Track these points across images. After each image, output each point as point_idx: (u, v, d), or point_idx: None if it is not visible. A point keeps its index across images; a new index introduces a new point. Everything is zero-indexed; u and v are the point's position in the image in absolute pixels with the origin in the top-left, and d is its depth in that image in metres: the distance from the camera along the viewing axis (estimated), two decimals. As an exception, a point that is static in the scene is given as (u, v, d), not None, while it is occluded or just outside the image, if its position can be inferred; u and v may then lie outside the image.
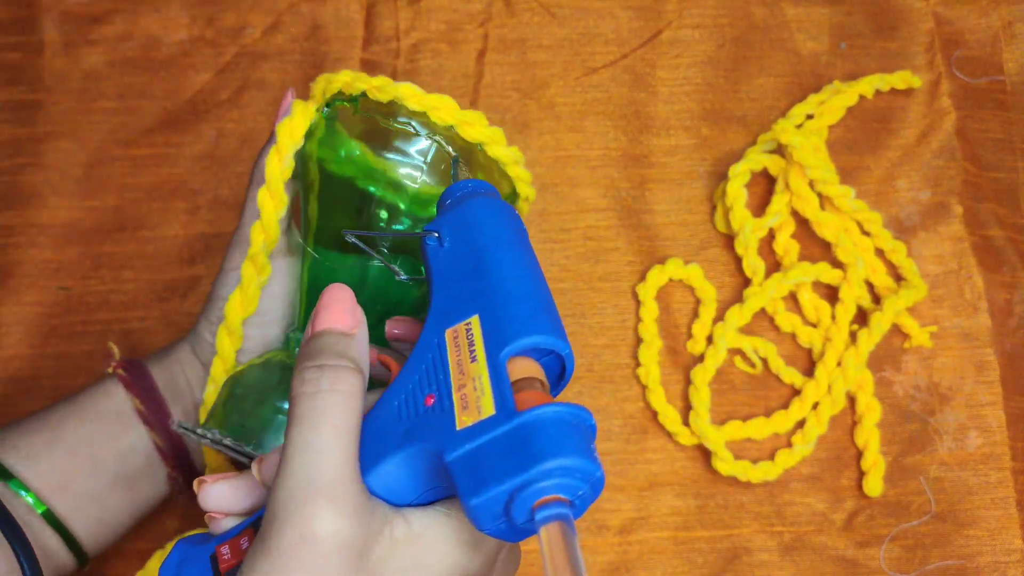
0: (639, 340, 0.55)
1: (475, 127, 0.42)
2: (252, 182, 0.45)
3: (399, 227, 0.44)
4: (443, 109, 0.42)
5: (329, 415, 0.31)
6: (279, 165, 0.43)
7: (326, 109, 0.44)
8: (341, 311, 0.33)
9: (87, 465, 0.45)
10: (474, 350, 0.32)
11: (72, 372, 0.55)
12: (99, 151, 0.58)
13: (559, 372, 0.34)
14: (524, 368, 0.32)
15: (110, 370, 0.47)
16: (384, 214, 0.43)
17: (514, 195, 0.47)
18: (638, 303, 0.56)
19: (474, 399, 0.31)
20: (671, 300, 0.56)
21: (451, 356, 0.33)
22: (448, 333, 0.34)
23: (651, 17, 0.61)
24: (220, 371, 0.46)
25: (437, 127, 0.42)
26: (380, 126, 0.43)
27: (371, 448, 0.33)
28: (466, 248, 0.36)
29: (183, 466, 0.48)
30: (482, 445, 0.29)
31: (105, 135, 0.59)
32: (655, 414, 0.54)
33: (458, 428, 0.30)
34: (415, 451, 0.31)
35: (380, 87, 0.42)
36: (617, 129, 0.59)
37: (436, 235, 0.37)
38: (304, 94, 0.59)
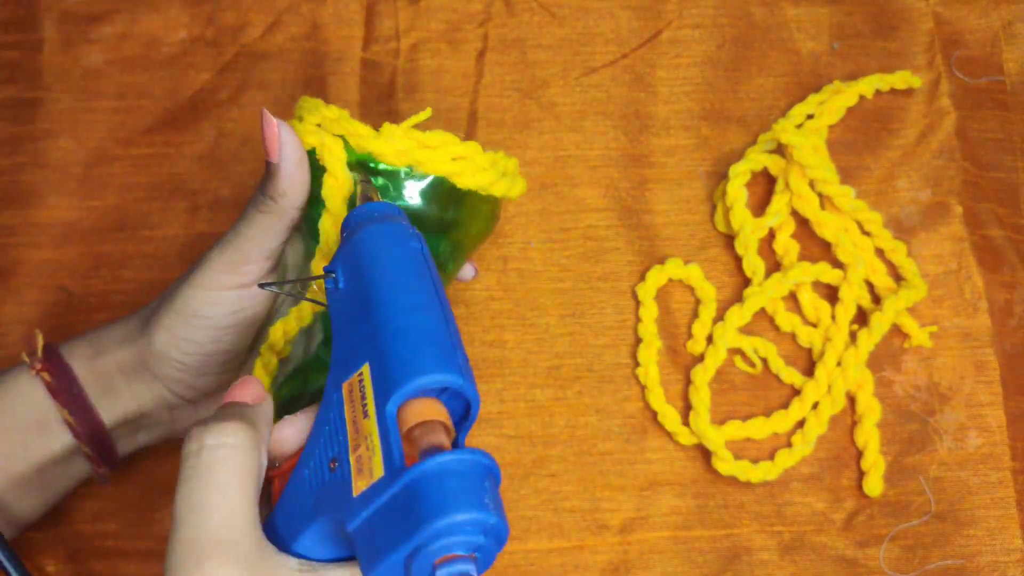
0: (639, 340, 0.55)
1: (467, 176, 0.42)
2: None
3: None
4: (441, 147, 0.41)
5: (215, 472, 0.31)
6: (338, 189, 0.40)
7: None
8: (245, 390, 0.34)
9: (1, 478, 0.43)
10: (366, 404, 0.29)
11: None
12: (99, 150, 0.58)
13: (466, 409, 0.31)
14: (423, 411, 0.29)
15: (33, 372, 0.44)
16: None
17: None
18: (638, 303, 0.56)
19: (367, 460, 0.28)
20: (671, 300, 0.56)
21: (347, 414, 0.30)
22: (344, 387, 0.31)
23: (651, 17, 0.61)
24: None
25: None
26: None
27: (289, 522, 0.31)
28: (357, 286, 0.32)
29: (111, 461, 0.46)
30: (375, 511, 0.27)
31: (105, 134, 0.59)
32: (655, 414, 0.54)
33: (354, 495, 0.28)
34: (327, 522, 0.30)
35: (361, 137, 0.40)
36: (617, 129, 0.59)
37: (333, 276, 0.34)
38: (303, 93, 0.59)
